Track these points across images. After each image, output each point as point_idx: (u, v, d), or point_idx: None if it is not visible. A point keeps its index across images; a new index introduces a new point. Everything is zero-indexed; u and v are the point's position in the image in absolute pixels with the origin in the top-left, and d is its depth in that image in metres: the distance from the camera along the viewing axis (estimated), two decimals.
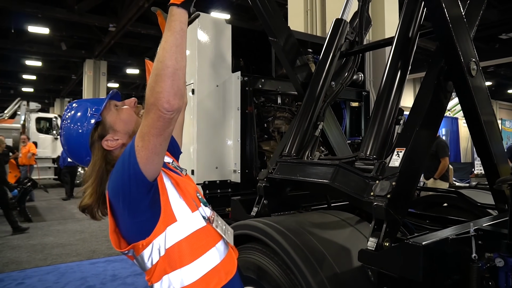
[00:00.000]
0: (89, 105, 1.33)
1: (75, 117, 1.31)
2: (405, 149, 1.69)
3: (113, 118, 1.34)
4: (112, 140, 1.30)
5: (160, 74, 1.05)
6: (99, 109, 1.32)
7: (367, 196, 1.68)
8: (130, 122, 1.35)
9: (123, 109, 1.37)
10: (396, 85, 1.91)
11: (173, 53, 1.07)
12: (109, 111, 1.34)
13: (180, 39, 1.10)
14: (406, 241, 1.43)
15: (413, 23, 1.98)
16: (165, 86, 1.04)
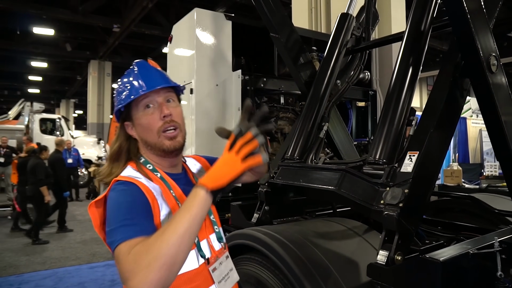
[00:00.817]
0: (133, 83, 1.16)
1: (124, 79, 1.20)
2: (418, 153, 1.53)
3: (137, 116, 1.16)
4: (131, 129, 1.19)
5: (155, 259, 0.83)
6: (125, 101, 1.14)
7: (377, 205, 1.53)
8: (146, 133, 1.16)
9: (150, 116, 1.14)
10: (407, 83, 1.75)
11: (182, 239, 0.88)
12: (136, 107, 1.16)
13: (195, 226, 0.92)
14: (422, 256, 1.28)
15: (425, 15, 1.83)
16: (152, 279, 0.81)
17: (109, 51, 17.00)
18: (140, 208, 1.01)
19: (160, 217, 1.06)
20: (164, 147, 1.14)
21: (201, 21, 2.83)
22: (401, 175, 1.53)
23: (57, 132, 13.28)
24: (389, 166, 1.59)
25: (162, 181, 1.15)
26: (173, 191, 1.14)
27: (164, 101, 1.16)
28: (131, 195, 1.04)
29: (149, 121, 1.14)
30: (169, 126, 1.14)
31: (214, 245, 1.19)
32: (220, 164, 0.97)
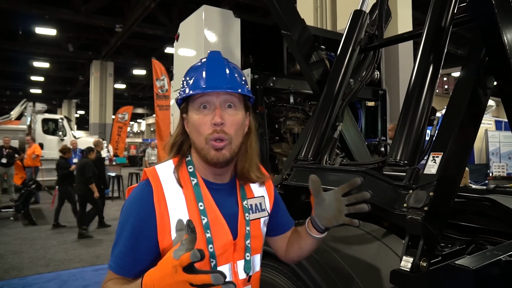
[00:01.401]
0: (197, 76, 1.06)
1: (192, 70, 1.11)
2: (442, 154, 1.47)
3: (191, 113, 1.07)
4: (186, 123, 1.11)
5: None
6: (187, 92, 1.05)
7: (399, 208, 1.46)
8: (194, 135, 1.07)
9: (203, 118, 1.04)
10: (428, 81, 1.68)
11: None
12: (192, 105, 1.07)
13: None
14: (452, 263, 1.21)
15: (445, 11, 1.76)
16: None
17: (111, 51, 16.99)
18: (141, 239, 1.00)
19: (170, 230, 1.01)
20: (208, 156, 1.04)
21: (210, 19, 2.77)
22: (425, 177, 1.46)
23: (60, 133, 13.24)
24: (411, 168, 1.52)
25: (194, 190, 1.05)
26: (201, 203, 1.04)
27: (222, 105, 1.04)
28: (140, 212, 1.01)
29: (200, 123, 1.03)
30: (217, 136, 1.02)
31: (239, 273, 1.08)
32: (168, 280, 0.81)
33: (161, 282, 0.81)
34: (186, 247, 0.81)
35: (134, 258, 0.99)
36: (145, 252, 0.99)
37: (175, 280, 0.79)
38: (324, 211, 1.14)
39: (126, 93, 27.76)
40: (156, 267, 0.84)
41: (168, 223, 1.00)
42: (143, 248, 0.99)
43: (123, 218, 1.02)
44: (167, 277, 0.80)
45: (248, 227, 1.11)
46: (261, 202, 1.20)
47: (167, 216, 1.00)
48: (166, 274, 0.80)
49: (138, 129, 50.03)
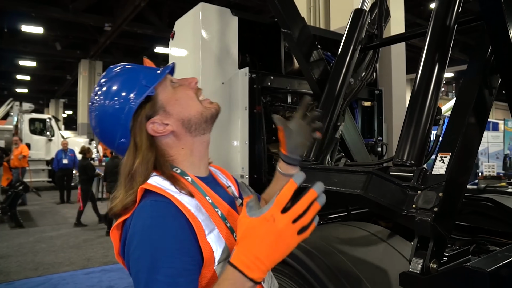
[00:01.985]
0: (141, 73, 1.00)
1: (118, 82, 0.98)
2: (450, 154, 1.45)
3: (168, 96, 1.00)
4: (160, 124, 0.97)
5: None
6: (154, 80, 0.99)
7: (407, 209, 1.44)
8: (188, 106, 1.01)
9: (181, 88, 1.04)
10: (433, 80, 1.67)
11: None
12: (164, 87, 1.01)
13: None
14: (466, 265, 1.19)
15: (450, 9, 1.75)
16: None
17: (100, 51, 16.75)
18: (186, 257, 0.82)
19: (206, 237, 0.87)
20: (213, 110, 1.05)
21: (207, 17, 2.71)
22: (433, 177, 1.44)
23: (47, 133, 13.01)
24: (419, 168, 1.50)
25: (194, 186, 0.97)
26: (208, 197, 0.96)
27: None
28: (172, 228, 0.83)
29: (187, 92, 1.02)
30: (201, 92, 1.06)
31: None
32: (270, 237, 0.72)
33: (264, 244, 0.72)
34: (256, 207, 0.77)
35: (187, 281, 0.80)
36: (194, 270, 0.83)
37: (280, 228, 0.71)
38: (296, 138, 1.21)
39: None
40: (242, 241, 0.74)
41: (201, 227, 0.88)
42: (191, 268, 0.82)
43: (151, 248, 0.81)
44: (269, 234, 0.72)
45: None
46: (233, 191, 1.16)
47: (198, 222, 0.87)
48: (266, 232, 0.72)
49: None
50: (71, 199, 10.52)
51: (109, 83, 0.99)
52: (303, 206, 0.74)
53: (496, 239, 2.12)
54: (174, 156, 1.02)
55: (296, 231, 0.73)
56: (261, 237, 0.73)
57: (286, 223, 0.72)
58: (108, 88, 0.98)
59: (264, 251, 0.73)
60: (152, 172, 0.95)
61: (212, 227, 0.90)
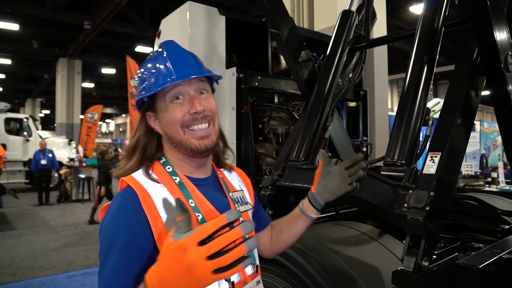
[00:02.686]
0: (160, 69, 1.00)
1: (149, 63, 1.05)
2: (440, 154, 1.48)
3: (162, 107, 1.00)
4: (153, 121, 1.04)
5: None
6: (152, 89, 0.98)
7: (399, 208, 1.46)
8: (169, 127, 1.00)
9: (177, 107, 0.99)
10: (422, 82, 1.70)
11: None
12: (162, 97, 1.00)
13: None
14: (458, 262, 1.21)
15: (438, 12, 1.79)
16: None
17: (80, 49, 16.37)
18: (136, 251, 0.88)
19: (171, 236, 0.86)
20: (192, 146, 0.99)
21: (194, 16, 2.69)
22: (424, 177, 1.47)
23: (24, 133, 12.63)
24: (410, 168, 1.53)
25: (180, 188, 0.98)
26: (191, 200, 0.97)
27: (196, 93, 1.00)
28: (129, 221, 0.89)
29: (175, 115, 0.98)
30: (195, 122, 0.99)
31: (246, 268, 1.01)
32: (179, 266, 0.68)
33: (171, 274, 0.69)
34: (184, 228, 0.72)
35: (130, 274, 0.86)
36: (142, 265, 0.87)
37: (190, 261, 0.66)
38: (329, 182, 1.16)
39: (94, 92, 26.91)
40: (158, 261, 0.72)
41: (163, 226, 0.91)
42: (139, 261, 0.87)
43: (108, 235, 0.89)
44: (178, 263, 0.67)
45: (241, 218, 1.07)
46: (243, 196, 1.17)
47: (160, 220, 0.91)
48: (176, 260, 0.68)
49: (106, 129, 48.68)
50: (50, 201, 10.25)
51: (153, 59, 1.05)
52: (221, 243, 0.67)
53: (479, 237, 2.18)
54: (166, 154, 1.05)
55: (211, 269, 0.66)
56: (171, 264, 0.69)
57: (198, 257, 0.66)
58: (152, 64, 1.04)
59: (171, 278, 0.70)
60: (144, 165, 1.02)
61: None
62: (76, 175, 10.58)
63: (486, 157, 10.50)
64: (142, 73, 1.04)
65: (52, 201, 10.39)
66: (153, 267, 0.74)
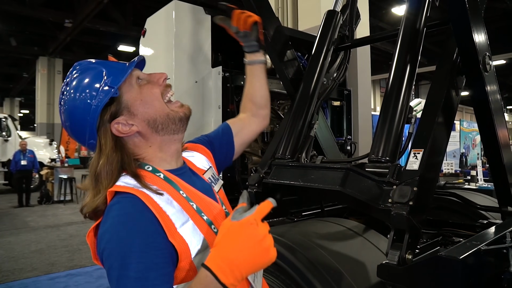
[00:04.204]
0: (105, 70, 0.97)
1: (82, 82, 0.96)
2: (423, 150, 1.53)
3: (133, 96, 0.98)
4: (125, 125, 0.96)
5: None
6: (118, 80, 0.96)
7: (384, 203, 1.50)
8: (153, 107, 0.99)
9: (147, 86, 1.00)
10: (405, 81, 1.75)
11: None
12: (129, 86, 0.98)
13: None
14: (440, 254, 1.26)
15: (419, 14, 1.84)
16: None
17: (60, 48, 16.09)
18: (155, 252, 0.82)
19: (178, 231, 0.88)
20: (180, 113, 1.03)
21: (180, 15, 2.69)
22: (408, 173, 1.51)
23: (3, 133, 12.31)
24: (394, 164, 1.57)
25: (167, 182, 0.96)
26: (181, 191, 0.96)
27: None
28: (141, 224, 0.84)
29: (154, 91, 1.00)
30: (170, 89, 1.04)
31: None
32: (251, 241, 0.72)
33: (243, 250, 0.71)
34: (242, 212, 0.78)
35: (157, 276, 0.80)
36: (166, 263, 0.83)
37: (261, 236, 0.72)
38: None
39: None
40: (220, 244, 0.74)
41: (170, 221, 0.88)
42: (163, 261, 0.82)
43: (117, 247, 0.81)
44: (250, 239, 0.71)
45: (223, 206, 1.08)
46: (213, 173, 1.17)
47: (165, 215, 0.88)
48: (247, 236, 0.71)
49: None
50: (30, 203, 10.03)
51: (75, 80, 0.98)
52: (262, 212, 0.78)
53: (459, 231, 2.24)
54: (143, 155, 1.01)
55: (272, 243, 0.74)
56: (242, 241, 0.72)
57: (266, 231, 0.73)
58: (75, 86, 0.97)
59: (242, 256, 0.72)
60: (122, 172, 0.95)
61: (185, 220, 0.90)
62: (57, 176, 10.38)
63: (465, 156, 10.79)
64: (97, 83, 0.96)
65: (33, 202, 10.17)
66: (215, 253, 0.74)
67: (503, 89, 25.14)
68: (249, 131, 1.38)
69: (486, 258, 1.33)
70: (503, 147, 1.82)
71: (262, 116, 1.40)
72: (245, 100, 1.40)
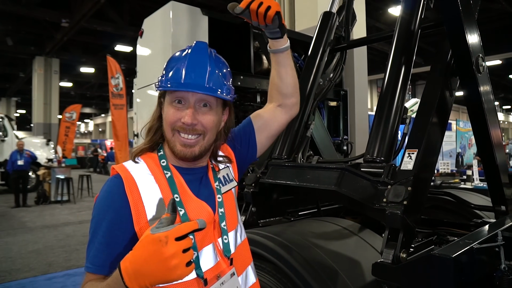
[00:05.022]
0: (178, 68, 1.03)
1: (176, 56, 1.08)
2: (417, 151, 1.55)
3: (165, 103, 1.06)
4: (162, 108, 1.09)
5: None
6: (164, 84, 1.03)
7: (378, 203, 1.52)
8: (166, 126, 1.06)
9: (173, 111, 1.03)
10: (400, 82, 1.77)
11: None
12: (169, 94, 1.05)
13: None
14: (433, 253, 1.28)
15: (414, 15, 1.86)
16: None
17: (57, 47, 16.01)
18: (117, 232, 0.95)
19: (148, 222, 0.97)
20: (174, 149, 1.04)
21: (177, 16, 2.71)
22: (402, 173, 1.53)
23: (0, 133, 12.27)
24: (388, 164, 1.59)
25: (169, 183, 1.03)
26: (177, 195, 1.01)
27: (196, 104, 1.02)
28: (113, 205, 0.97)
29: (169, 117, 1.02)
30: (189, 133, 1.02)
31: (220, 251, 1.06)
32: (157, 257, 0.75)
33: (148, 263, 0.75)
34: (166, 225, 0.78)
35: (112, 253, 0.94)
36: (123, 245, 0.95)
37: (166, 255, 0.74)
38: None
39: (72, 91, 26.34)
40: (135, 250, 0.78)
41: (143, 211, 0.97)
42: (120, 242, 0.95)
43: (96, 215, 0.98)
44: (157, 254, 0.74)
45: (222, 209, 1.10)
46: (228, 173, 1.20)
47: (141, 205, 0.97)
48: (153, 252, 0.74)
49: (85, 129, 47.73)
50: (27, 203, 10.00)
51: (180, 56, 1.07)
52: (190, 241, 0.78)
53: (454, 230, 2.27)
54: (165, 144, 1.10)
55: (185, 261, 0.76)
56: (149, 254, 0.75)
57: (176, 250, 0.74)
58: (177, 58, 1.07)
59: (146, 268, 0.76)
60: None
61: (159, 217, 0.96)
62: (54, 176, 10.35)
63: (462, 156, 10.83)
64: (166, 66, 1.08)
65: (30, 202, 10.14)
66: (128, 256, 0.80)
67: (499, 89, 25.23)
68: (275, 124, 1.33)
69: (479, 257, 1.36)
70: (496, 147, 1.84)
71: (289, 105, 1.35)
72: (271, 89, 1.35)
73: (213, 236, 1.05)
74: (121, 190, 0.98)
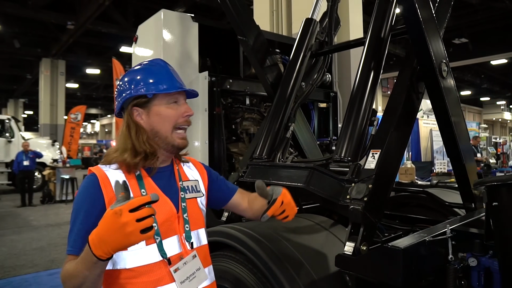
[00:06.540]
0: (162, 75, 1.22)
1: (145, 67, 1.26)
2: (380, 151, 1.66)
3: (159, 108, 1.22)
4: (138, 115, 1.23)
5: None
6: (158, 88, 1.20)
7: (343, 200, 1.64)
8: (162, 123, 1.22)
9: (172, 108, 1.23)
10: (369, 86, 1.88)
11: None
12: (163, 99, 1.22)
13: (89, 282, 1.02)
14: (385, 245, 1.40)
15: (385, 23, 1.97)
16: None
17: (63, 49, 16.27)
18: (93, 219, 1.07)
19: None
20: (175, 143, 1.23)
21: (168, 22, 2.83)
22: (365, 171, 1.65)
23: (7, 134, 12.52)
24: (354, 164, 1.71)
25: (137, 179, 1.20)
26: (143, 190, 1.19)
27: (184, 101, 1.27)
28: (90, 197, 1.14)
29: (171, 114, 1.21)
30: (185, 124, 1.24)
31: (186, 244, 1.22)
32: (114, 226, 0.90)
33: (108, 232, 0.90)
34: (122, 201, 0.93)
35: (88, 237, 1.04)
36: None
37: (121, 224, 0.88)
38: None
39: (79, 92, 26.66)
40: (99, 224, 0.94)
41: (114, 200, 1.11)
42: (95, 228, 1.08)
43: (75, 207, 1.15)
44: (113, 225, 0.89)
45: (184, 203, 1.27)
46: (196, 185, 1.37)
47: (113, 196, 1.12)
48: (111, 222, 0.90)
49: (92, 130, 48.19)
50: (33, 202, 10.23)
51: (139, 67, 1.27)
52: (147, 212, 0.91)
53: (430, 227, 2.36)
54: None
55: (139, 228, 0.90)
56: (108, 225, 0.91)
57: (129, 219, 0.89)
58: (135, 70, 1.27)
59: (107, 237, 0.91)
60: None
61: None
62: (59, 176, 10.57)
63: None
64: (138, 71, 1.25)
65: (36, 202, 10.37)
66: (94, 230, 0.95)
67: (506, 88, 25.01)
68: (240, 210, 1.53)
69: (432, 248, 1.47)
70: (462, 148, 1.94)
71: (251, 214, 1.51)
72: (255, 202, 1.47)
73: (177, 229, 1.22)
74: (96, 184, 1.15)
